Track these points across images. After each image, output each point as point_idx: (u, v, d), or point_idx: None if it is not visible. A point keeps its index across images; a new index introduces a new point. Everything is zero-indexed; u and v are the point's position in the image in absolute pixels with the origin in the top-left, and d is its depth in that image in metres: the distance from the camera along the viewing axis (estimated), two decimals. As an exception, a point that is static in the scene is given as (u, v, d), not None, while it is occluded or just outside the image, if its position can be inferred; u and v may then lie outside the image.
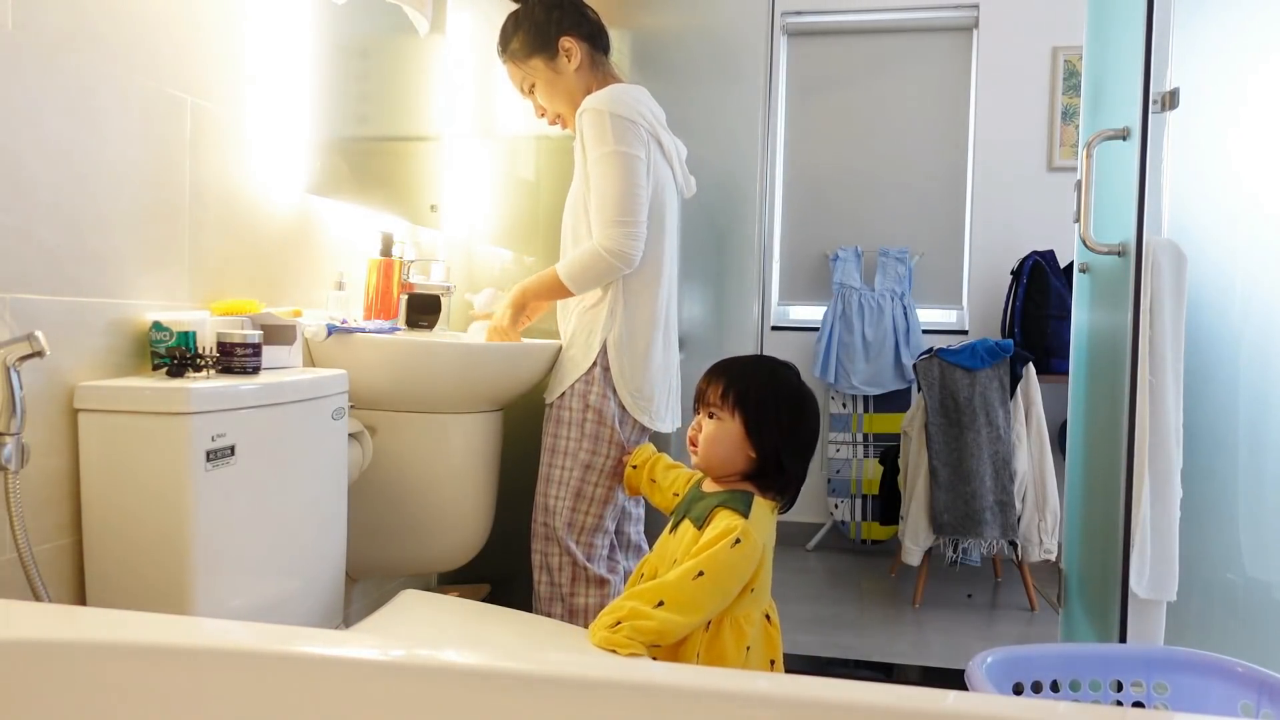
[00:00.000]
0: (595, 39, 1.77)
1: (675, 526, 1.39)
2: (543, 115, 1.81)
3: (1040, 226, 3.21)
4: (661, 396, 1.74)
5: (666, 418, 1.77)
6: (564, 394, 1.67)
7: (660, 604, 1.21)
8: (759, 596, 1.33)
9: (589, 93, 1.73)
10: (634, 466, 1.64)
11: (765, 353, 2.15)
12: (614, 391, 1.65)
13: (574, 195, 1.72)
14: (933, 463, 2.63)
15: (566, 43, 1.72)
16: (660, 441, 1.85)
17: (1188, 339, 1.53)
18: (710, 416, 1.36)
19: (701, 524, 1.30)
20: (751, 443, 1.33)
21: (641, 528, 1.79)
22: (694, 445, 1.38)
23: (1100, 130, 1.65)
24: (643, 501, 1.83)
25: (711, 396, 1.36)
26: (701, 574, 1.22)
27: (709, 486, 1.39)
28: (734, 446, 1.33)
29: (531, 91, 1.77)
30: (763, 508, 1.32)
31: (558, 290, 1.66)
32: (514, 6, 1.82)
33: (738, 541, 1.23)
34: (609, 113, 1.60)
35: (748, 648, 1.30)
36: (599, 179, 1.60)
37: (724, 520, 1.27)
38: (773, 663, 1.37)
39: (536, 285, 1.69)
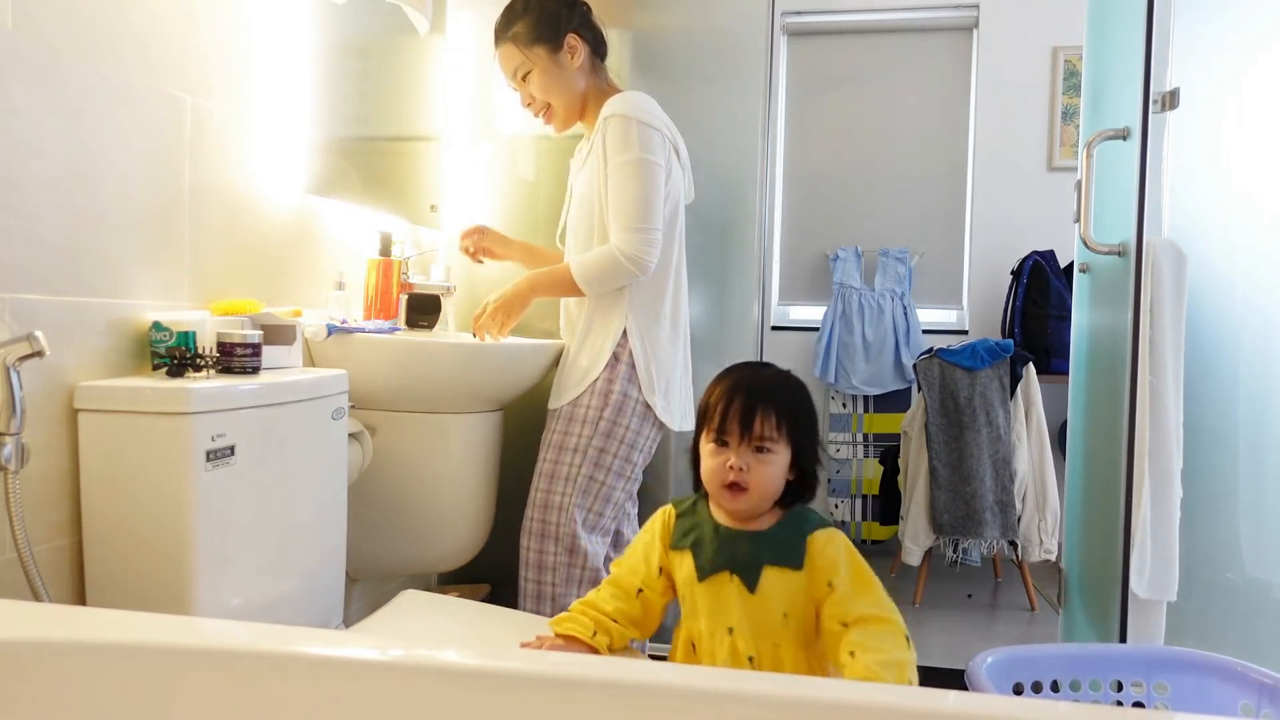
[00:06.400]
0: (598, 45, 1.80)
1: (742, 575, 1.14)
2: (529, 105, 1.79)
3: (1040, 226, 3.20)
4: (683, 396, 1.77)
5: (686, 417, 1.80)
6: (583, 393, 1.67)
7: (908, 638, 1.09)
8: None
9: (586, 94, 1.76)
10: (640, 590, 1.23)
11: (765, 352, 2.15)
12: (639, 392, 1.67)
13: (586, 194, 1.72)
14: (933, 463, 2.63)
15: (573, 40, 1.73)
16: (668, 438, 1.87)
17: (1188, 339, 1.53)
18: (761, 451, 1.13)
19: (799, 561, 1.14)
20: (794, 466, 1.16)
21: (639, 526, 1.79)
22: (739, 488, 1.12)
23: (1100, 130, 1.65)
24: (637, 502, 1.83)
25: (764, 429, 1.12)
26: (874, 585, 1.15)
27: (736, 523, 1.17)
28: (781, 478, 1.15)
29: (524, 79, 1.75)
30: None
31: (570, 289, 1.66)
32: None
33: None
34: (636, 120, 1.63)
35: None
36: (620, 183, 1.62)
37: (830, 537, 1.16)
38: None
39: (548, 280, 1.69)
